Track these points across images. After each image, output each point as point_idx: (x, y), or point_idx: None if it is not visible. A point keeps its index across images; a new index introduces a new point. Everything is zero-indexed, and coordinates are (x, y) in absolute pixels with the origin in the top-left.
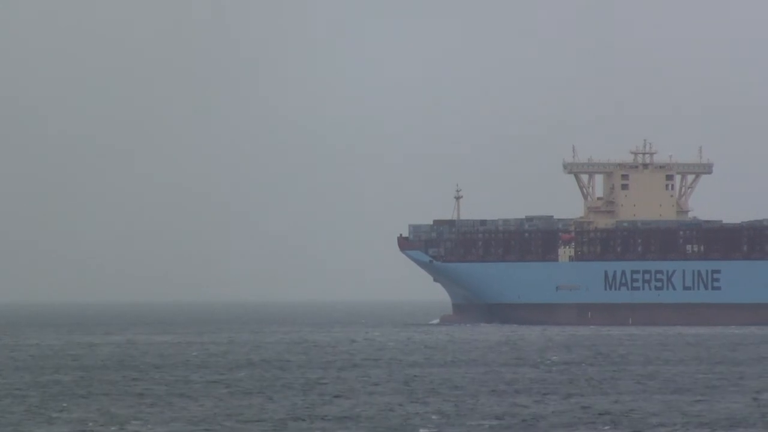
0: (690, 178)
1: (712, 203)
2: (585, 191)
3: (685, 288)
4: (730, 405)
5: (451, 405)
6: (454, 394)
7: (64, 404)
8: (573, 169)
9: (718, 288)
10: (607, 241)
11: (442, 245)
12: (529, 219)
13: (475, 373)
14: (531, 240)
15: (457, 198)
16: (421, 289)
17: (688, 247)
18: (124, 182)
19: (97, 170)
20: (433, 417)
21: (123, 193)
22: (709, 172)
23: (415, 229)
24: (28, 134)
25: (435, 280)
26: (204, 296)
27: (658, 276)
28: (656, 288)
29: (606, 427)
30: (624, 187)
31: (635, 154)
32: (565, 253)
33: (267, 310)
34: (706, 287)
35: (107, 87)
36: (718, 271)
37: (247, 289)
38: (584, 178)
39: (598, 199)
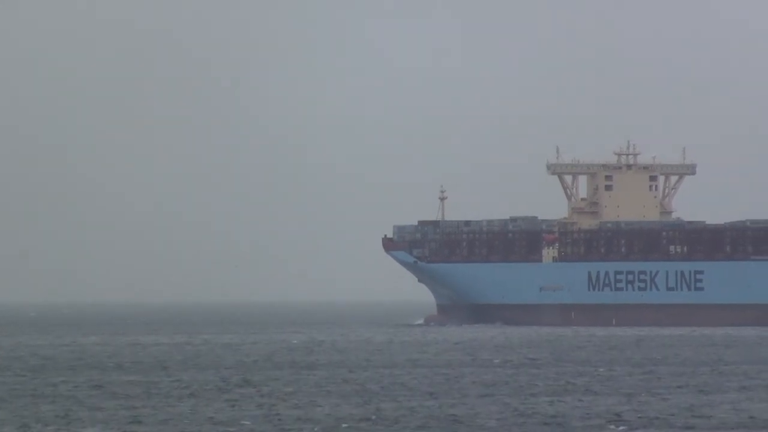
0: (673, 178)
1: (696, 204)
2: (569, 192)
3: (668, 289)
4: (609, 406)
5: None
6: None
7: None
8: (557, 170)
9: (701, 289)
10: (591, 242)
11: (426, 246)
12: (513, 220)
13: (397, 374)
14: (515, 241)
15: (442, 199)
16: (406, 290)
17: (672, 247)
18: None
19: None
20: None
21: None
22: (693, 173)
23: (399, 229)
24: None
25: (419, 280)
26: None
27: (642, 277)
28: (639, 289)
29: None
30: (608, 187)
31: (619, 155)
32: (548, 253)
33: (250, 311)
34: (689, 288)
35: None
36: (701, 272)
37: (234, 291)
38: (568, 178)
39: (582, 199)
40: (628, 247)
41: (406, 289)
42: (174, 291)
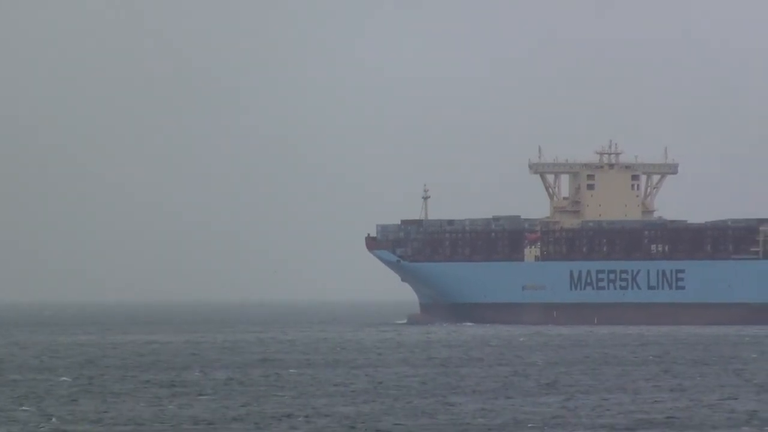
0: (655, 178)
1: (678, 203)
2: (551, 191)
3: (650, 288)
4: (510, 406)
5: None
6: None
7: None
8: (539, 170)
9: (683, 288)
10: (573, 241)
11: (409, 245)
12: (496, 219)
13: (337, 373)
14: (497, 240)
15: (425, 198)
16: (389, 289)
17: (653, 246)
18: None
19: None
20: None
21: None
22: (675, 173)
23: (383, 229)
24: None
25: (403, 279)
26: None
27: (623, 276)
28: (621, 288)
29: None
30: (590, 187)
31: (601, 154)
32: (531, 252)
33: (233, 311)
34: (670, 287)
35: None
36: (682, 271)
37: (219, 290)
38: (550, 178)
39: (564, 199)
40: (609, 247)
41: (386, 289)
42: (156, 290)
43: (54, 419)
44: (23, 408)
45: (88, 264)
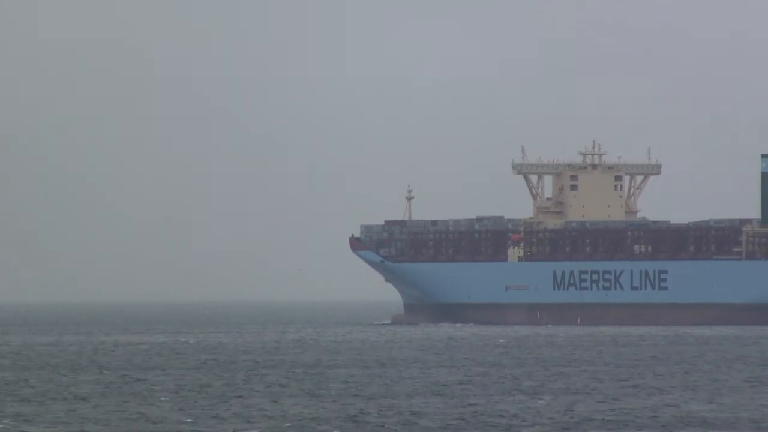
0: (639, 178)
1: (661, 204)
2: (534, 192)
3: (633, 288)
4: (423, 406)
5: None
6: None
7: None
8: (522, 170)
9: (665, 288)
10: (556, 242)
11: (393, 245)
12: (480, 219)
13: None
14: (481, 240)
15: (409, 198)
16: (373, 290)
17: (636, 247)
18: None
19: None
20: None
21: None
22: (658, 173)
23: (366, 229)
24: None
25: (386, 280)
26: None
27: (606, 276)
28: (604, 288)
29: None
30: (573, 187)
31: (584, 154)
32: (514, 253)
33: (220, 311)
34: (653, 287)
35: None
36: (665, 271)
37: (206, 291)
38: (533, 178)
39: (548, 199)
40: (593, 247)
41: (370, 289)
42: (138, 291)
43: None
44: None
45: (87, 264)
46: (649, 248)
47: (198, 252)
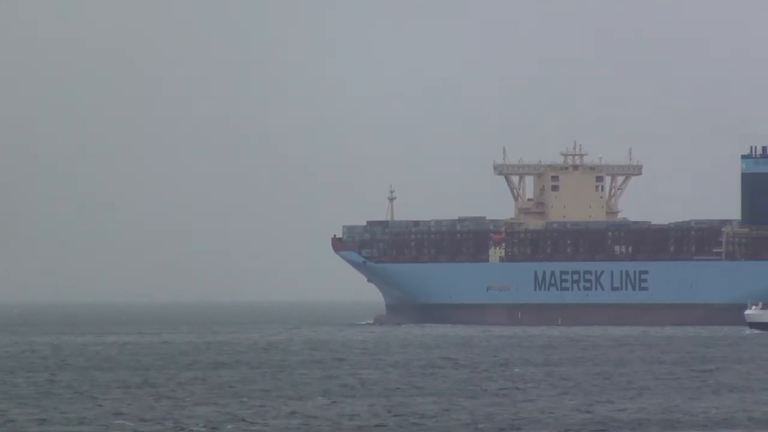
0: (620, 179)
1: (642, 204)
2: (516, 192)
3: (613, 288)
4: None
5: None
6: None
7: None
8: (503, 171)
9: (646, 288)
10: (537, 242)
11: (375, 246)
12: (461, 220)
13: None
14: (462, 241)
15: (391, 199)
16: (356, 290)
17: (617, 247)
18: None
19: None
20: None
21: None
22: (639, 174)
23: (349, 230)
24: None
25: (369, 280)
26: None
27: (587, 276)
28: (585, 288)
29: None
30: (554, 188)
31: (565, 155)
32: (495, 253)
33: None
34: (633, 288)
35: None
36: (645, 272)
37: (194, 291)
38: (515, 179)
39: (529, 200)
40: (573, 247)
41: (352, 289)
42: (122, 291)
43: None
44: None
45: (84, 264)
46: (630, 249)
47: (176, 252)
